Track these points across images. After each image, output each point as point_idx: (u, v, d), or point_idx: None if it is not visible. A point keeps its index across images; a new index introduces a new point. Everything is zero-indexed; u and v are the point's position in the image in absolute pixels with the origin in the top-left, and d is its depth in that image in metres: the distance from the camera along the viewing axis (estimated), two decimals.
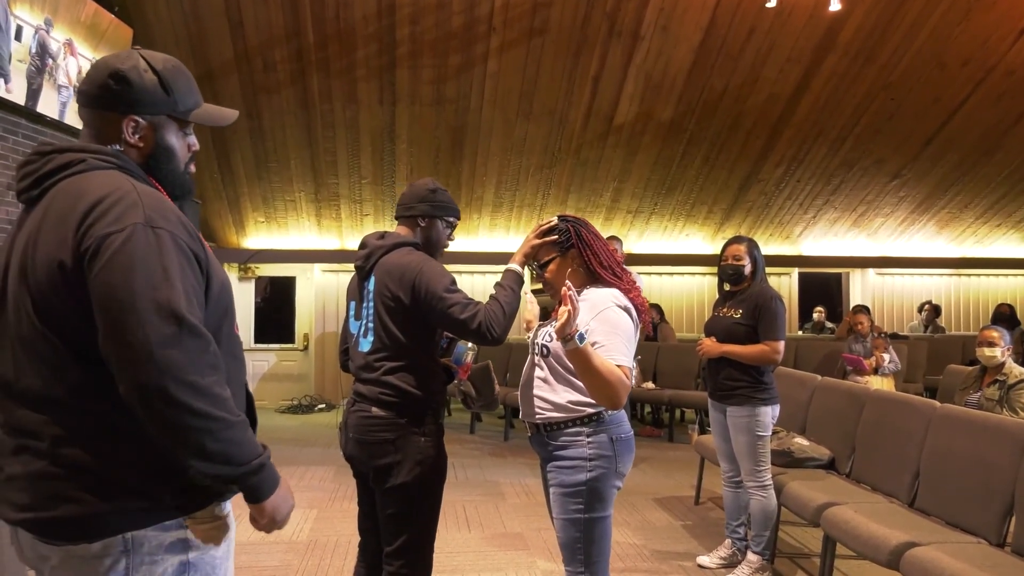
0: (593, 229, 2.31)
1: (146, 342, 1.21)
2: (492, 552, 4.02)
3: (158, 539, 1.31)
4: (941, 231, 10.15)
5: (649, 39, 6.76)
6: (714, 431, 3.79)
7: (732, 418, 3.54)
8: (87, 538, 1.28)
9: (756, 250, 3.61)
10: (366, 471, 2.33)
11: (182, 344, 1.23)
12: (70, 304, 1.27)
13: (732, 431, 3.55)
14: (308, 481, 5.51)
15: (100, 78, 1.40)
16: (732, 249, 3.61)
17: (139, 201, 1.29)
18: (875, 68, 7.24)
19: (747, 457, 3.49)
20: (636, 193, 8.82)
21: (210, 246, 1.44)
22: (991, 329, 4.23)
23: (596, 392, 2.03)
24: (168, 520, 1.32)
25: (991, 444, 2.93)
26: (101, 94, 1.40)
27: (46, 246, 1.28)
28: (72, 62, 5.45)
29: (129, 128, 1.40)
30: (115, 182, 1.32)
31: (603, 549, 2.17)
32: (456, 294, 2.22)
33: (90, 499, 1.28)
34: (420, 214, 2.41)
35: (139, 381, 1.21)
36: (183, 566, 1.33)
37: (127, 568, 1.29)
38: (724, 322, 3.60)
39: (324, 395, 9.35)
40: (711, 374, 3.66)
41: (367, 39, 6.60)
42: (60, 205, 1.30)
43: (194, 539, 1.34)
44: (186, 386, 1.22)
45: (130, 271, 1.23)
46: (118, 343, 1.22)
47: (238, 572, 3.67)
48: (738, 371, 3.51)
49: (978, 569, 2.43)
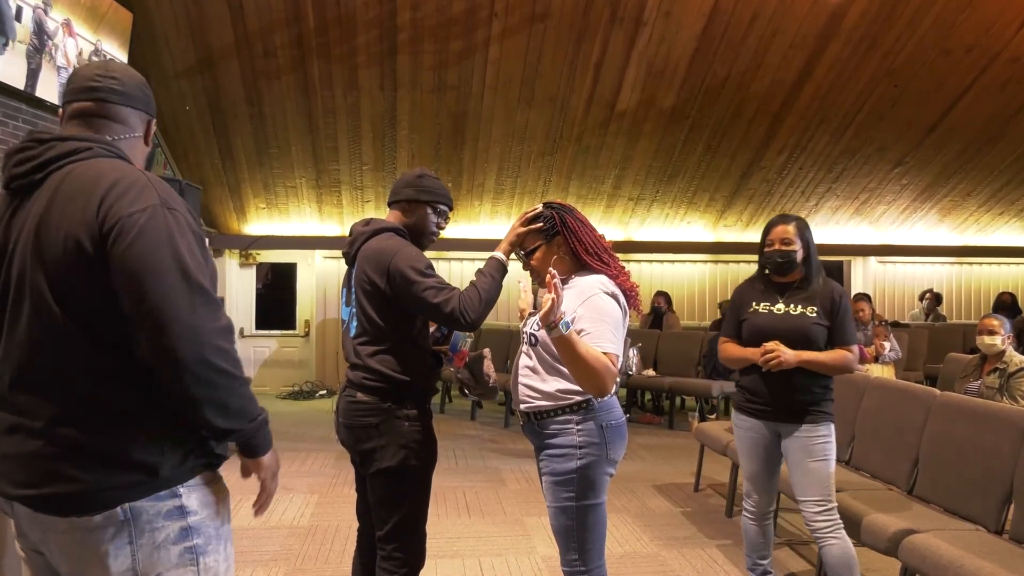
0: (579, 215, 2.28)
1: (176, 307, 1.30)
2: (492, 538, 4.04)
3: (156, 508, 1.38)
4: (943, 219, 10.13)
5: (651, 25, 6.72)
6: (751, 455, 2.98)
7: (800, 440, 2.80)
8: (89, 511, 1.34)
9: (808, 232, 2.92)
10: (355, 456, 2.36)
11: (206, 310, 1.34)
12: (87, 281, 1.33)
13: (797, 455, 2.81)
14: (309, 467, 5.54)
15: (137, 81, 1.55)
16: (779, 231, 2.90)
17: (152, 184, 1.38)
18: (878, 55, 7.20)
19: (818, 488, 2.76)
20: (638, 180, 8.80)
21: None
22: (992, 317, 4.23)
23: (582, 379, 2.02)
24: (163, 490, 1.38)
25: (991, 432, 2.93)
26: (137, 95, 1.53)
27: (62, 225, 1.33)
28: (71, 43, 5.42)
29: (151, 129, 1.58)
30: (125, 167, 1.41)
31: (597, 536, 2.16)
32: (430, 278, 2.20)
33: (87, 476, 1.34)
34: (405, 199, 2.41)
35: (170, 344, 1.30)
36: (184, 531, 1.41)
37: (130, 536, 1.36)
38: (795, 322, 2.83)
39: (325, 381, 9.38)
40: (772, 385, 2.84)
41: (368, 25, 6.56)
42: (72, 187, 1.35)
43: (191, 506, 1.42)
44: (212, 348, 1.33)
45: (156, 245, 1.32)
46: (149, 309, 1.30)
47: (239, 556, 3.69)
48: (818, 384, 2.82)
49: (976, 556, 2.44)
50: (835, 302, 2.82)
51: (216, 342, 1.34)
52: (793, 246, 2.87)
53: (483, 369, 2.54)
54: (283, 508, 4.50)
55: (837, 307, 2.82)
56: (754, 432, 2.93)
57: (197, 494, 1.43)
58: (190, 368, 1.31)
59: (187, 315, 1.31)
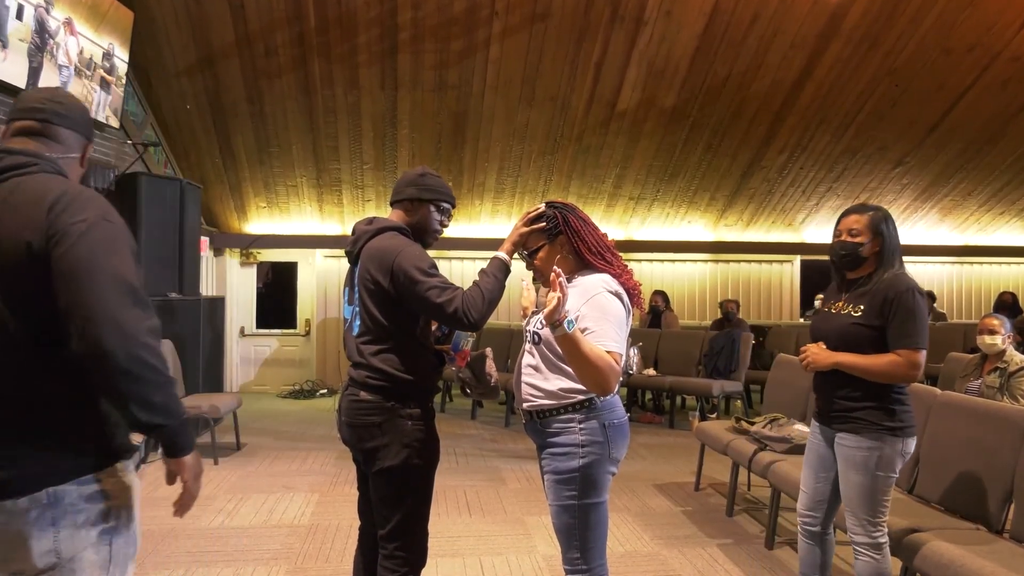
0: (581, 214, 2.27)
1: (108, 306, 1.41)
2: (493, 537, 4.04)
3: (78, 491, 1.48)
4: (944, 219, 10.13)
5: (652, 25, 6.72)
6: (807, 460, 2.82)
7: (845, 449, 2.59)
8: (15, 495, 1.44)
9: (886, 224, 2.62)
10: (357, 454, 2.36)
11: (136, 309, 1.44)
12: (29, 281, 1.43)
13: (843, 466, 2.61)
14: (310, 466, 5.54)
15: (76, 106, 1.68)
16: (847, 221, 2.66)
17: (94, 198, 1.52)
18: (879, 54, 7.20)
19: (861, 504, 2.56)
20: (638, 180, 8.80)
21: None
22: (992, 317, 4.23)
23: (585, 378, 2.02)
24: (85, 476, 1.49)
25: (991, 431, 2.93)
26: (78, 118, 1.67)
27: (11, 228, 1.45)
28: (72, 41, 5.43)
29: (88, 152, 1.71)
30: (69, 183, 1.55)
31: (599, 535, 2.17)
32: (434, 278, 2.20)
33: (15, 463, 1.45)
34: (407, 198, 2.41)
35: (101, 339, 1.39)
36: (103, 514, 1.52)
37: (53, 518, 1.46)
38: (836, 322, 2.65)
39: (326, 380, 9.38)
40: (820, 390, 2.72)
41: (369, 24, 6.56)
42: (22, 197, 1.48)
43: (109, 490, 1.53)
44: (138, 343, 1.42)
45: (93, 250, 1.44)
46: (83, 304, 1.40)
47: (240, 555, 3.70)
48: (861, 388, 2.56)
49: (977, 555, 2.44)
50: (887, 301, 2.52)
51: (143, 339, 1.43)
52: (860, 238, 2.60)
53: (485, 369, 2.54)
54: (284, 507, 4.51)
55: (890, 306, 2.51)
56: (813, 436, 2.80)
57: (115, 480, 1.54)
58: (115, 360, 1.39)
59: (115, 310, 1.40)
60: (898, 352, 2.48)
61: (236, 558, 3.68)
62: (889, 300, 2.51)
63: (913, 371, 2.48)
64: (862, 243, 2.60)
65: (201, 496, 1.68)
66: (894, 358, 2.49)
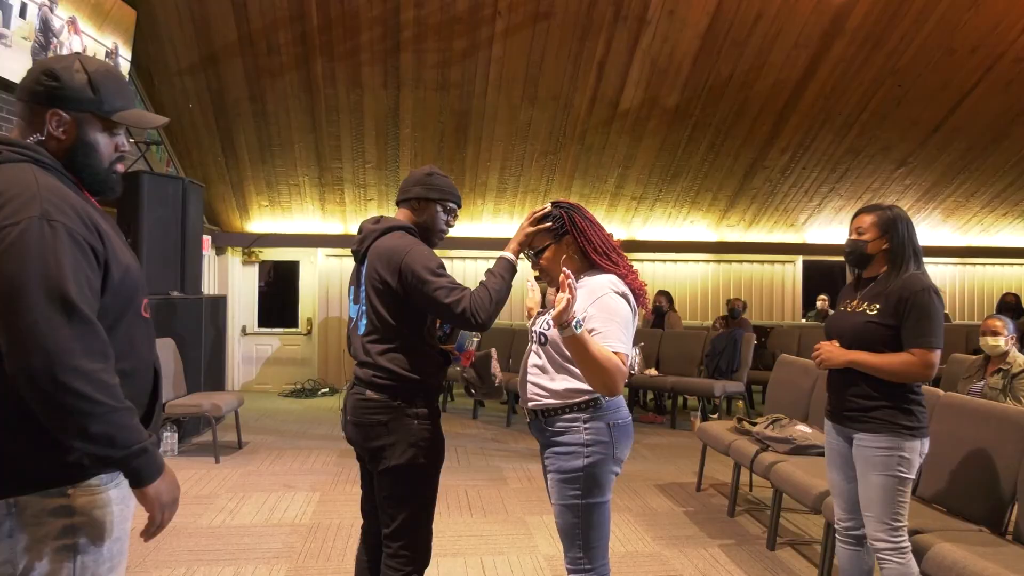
0: (587, 214, 2.27)
1: (35, 327, 1.29)
2: (494, 536, 4.04)
3: (41, 504, 1.40)
4: (947, 219, 10.11)
5: (655, 24, 6.71)
6: (830, 463, 2.79)
7: (862, 449, 2.57)
8: None
9: (901, 223, 2.63)
10: (363, 453, 2.36)
11: (71, 330, 1.31)
12: None
13: (861, 467, 2.59)
14: (311, 465, 5.54)
15: (35, 74, 1.49)
16: (856, 220, 2.70)
17: (38, 195, 1.36)
18: (883, 54, 7.18)
19: (878, 505, 2.53)
20: (641, 179, 8.79)
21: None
22: (995, 318, 4.22)
23: (592, 379, 2.02)
24: (51, 488, 1.40)
25: (994, 433, 2.92)
26: (33, 88, 1.48)
27: None
28: (76, 40, 5.43)
29: (53, 121, 1.48)
30: (19, 176, 1.39)
31: (602, 534, 2.17)
32: (442, 278, 2.20)
33: None
34: (415, 197, 2.41)
35: (27, 363, 1.28)
36: (67, 529, 1.42)
37: (11, 529, 1.39)
38: (851, 320, 2.65)
39: (327, 379, 9.38)
40: (834, 388, 2.71)
41: (371, 22, 6.56)
42: None
43: (76, 506, 1.43)
44: (71, 370, 1.30)
45: (23, 260, 1.30)
46: (9, 327, 1.29)
47: (241, 554, 3.70)
48: (875, 387, 2.55)
49: (980, 557, 2.44)
50: (903, 299, 2.51)
51: (75, 363, 1.30)
52: (865, 236, 2.65)
53: (489, 369, 2.54)
54: (285, 506, 4.51)
55: (905, 305, 2.51)
56: (831, 436, 2.78)
57: (88, 496, 1.44)
58: (41, 389, 1.29)
59: (43, 334, 1.28)
60: (912, 351, 2.49)
61: (237, 557, 3.68)
62: (904, 299, 2.52)
63: (927, 370, 2.48)
64: (867, 241, 2.64)
65: (202, 495, 1.66)
66: (908, 357, 2.49)
